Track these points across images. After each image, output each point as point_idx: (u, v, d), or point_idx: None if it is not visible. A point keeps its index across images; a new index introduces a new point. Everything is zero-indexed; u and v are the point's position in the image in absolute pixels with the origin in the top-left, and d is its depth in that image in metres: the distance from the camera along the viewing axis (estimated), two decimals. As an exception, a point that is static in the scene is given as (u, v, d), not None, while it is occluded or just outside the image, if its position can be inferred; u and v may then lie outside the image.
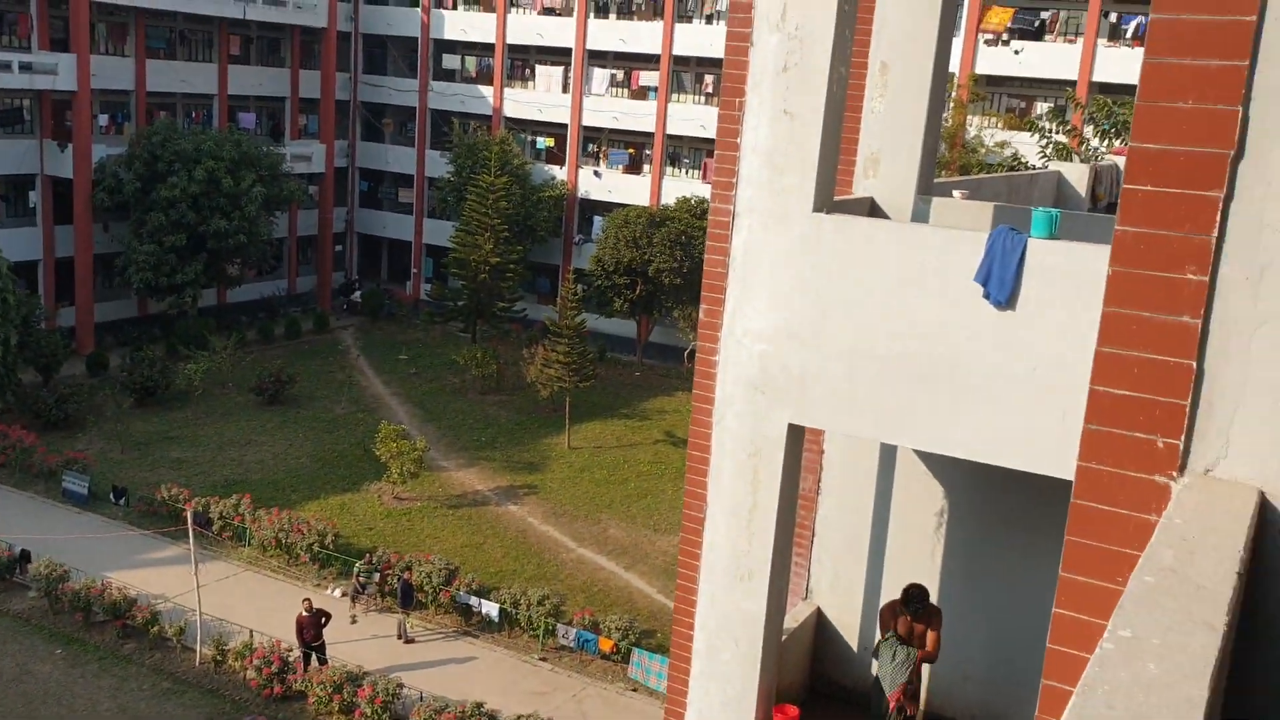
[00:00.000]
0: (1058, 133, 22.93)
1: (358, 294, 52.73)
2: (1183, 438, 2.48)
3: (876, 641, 8.72)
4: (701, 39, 46.01)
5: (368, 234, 55.72)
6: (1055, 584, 2.70)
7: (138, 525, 27.83)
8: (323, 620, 21.94)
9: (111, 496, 29.32)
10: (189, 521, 23.49)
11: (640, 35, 47.54)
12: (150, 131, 42.30)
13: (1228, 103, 2.37)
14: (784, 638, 8.92)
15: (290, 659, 21.59)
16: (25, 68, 39.82)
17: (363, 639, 23.43)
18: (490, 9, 50.94)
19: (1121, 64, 38.31)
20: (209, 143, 42.08)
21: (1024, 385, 6.67)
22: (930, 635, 8.49)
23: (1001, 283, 6.56)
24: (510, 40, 50.35)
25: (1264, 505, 2.40)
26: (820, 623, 9.95)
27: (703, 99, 47.07)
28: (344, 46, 53.38)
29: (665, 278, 42.25)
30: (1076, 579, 2.56)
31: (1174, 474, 2.48)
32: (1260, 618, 2.40)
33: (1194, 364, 2.46)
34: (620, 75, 48.94)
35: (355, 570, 24.92)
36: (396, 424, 33.11)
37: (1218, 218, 2.41)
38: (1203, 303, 2.43)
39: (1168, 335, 2.46)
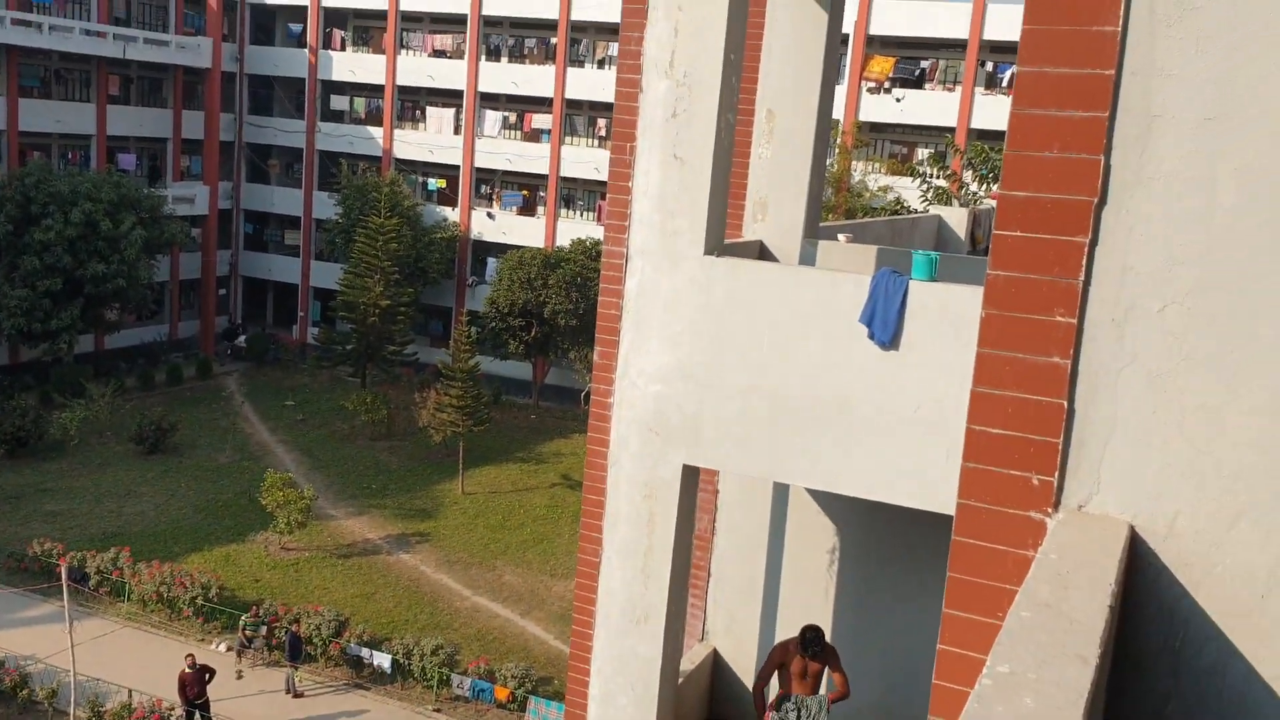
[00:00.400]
0: (938, 178, 23.72)
1: (242, 339, 51.40)
2: (1056, 474, 2.56)
3: (774, 698, 8.71)
4: (594, 83, 46.49)
5: (253, 277, 54.47)
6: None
7: (6, 583, 26.49)
8: (207, 676, 21.14)
9: (-22, 553, 27.87)
10: (63, 577, 22.39)
11: (533, 79, 47.79)
12: (23, 173, 40.77)
13: (1090, 152, 2.49)
14: (681, 680, 8.91)
15: (172, 718, 20.71)
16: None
17: (249, 694, 22.61)
18: (379, 50, 50.67)
19: (998, 111, 39.92)
20: (86, 184, 40.75)
21: (909, 424, 6.84)
22: (837, 676, 8.54)
23: (885, 324, 6.73)
24: (400, 82, 50.10)
25: (1134, 539, 2.49)
26: (717, 664, 9.97)
27: (596, 142, 47.50)
28: (229, 87, 52.40)
29: (561, 319, 42.26)
30: (959, 615, 2.61)
31: (1049, 510, 2.56)
32: (1133, 647, 2.48)
33: (1065, 403, 2.55)
34: (513, 118, 49.08)
35: (241, 624, 24.09)
36: (283, 472, 32.25)
37: (1084, 262, 2.51)
38: (1072, 343, 2.53)
39: (1039, 375, 2.55)
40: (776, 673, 8.60)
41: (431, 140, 49.84)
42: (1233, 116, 2.44)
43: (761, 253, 9.03)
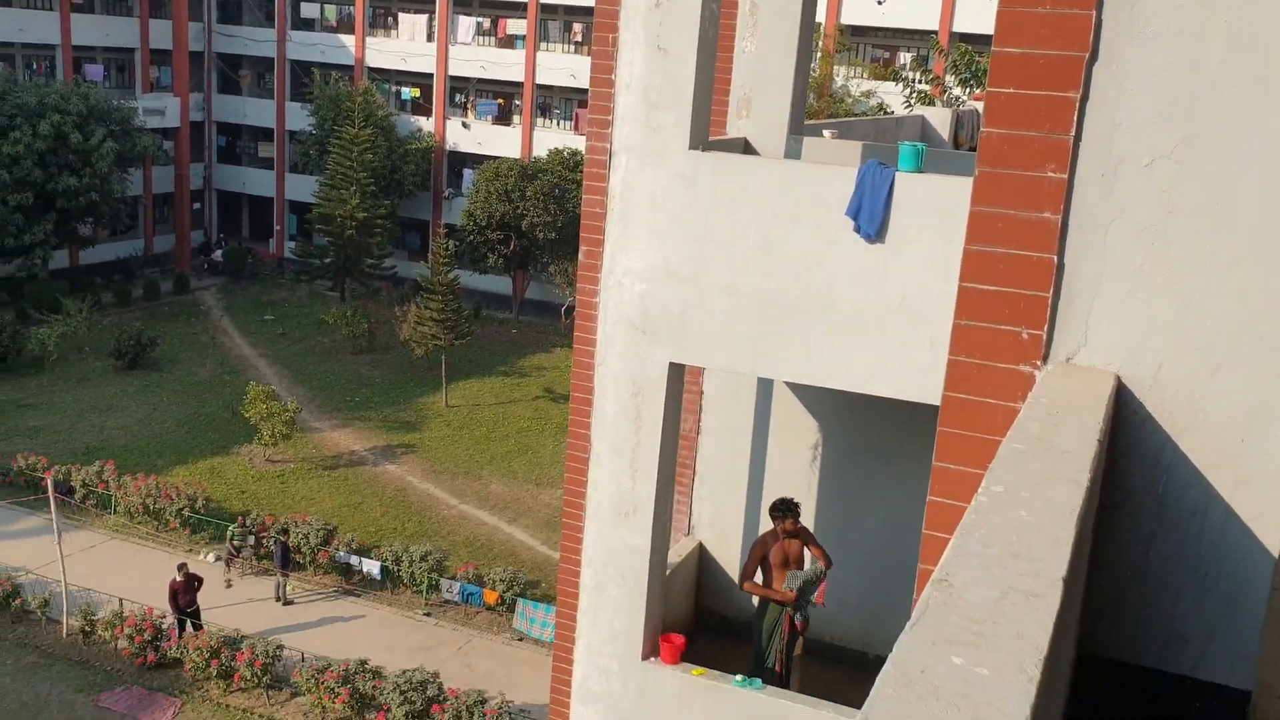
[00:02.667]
0: (921, 81, 23.52)
1: (219, 253, 50.93)
2: (1046, 328, 2.63)
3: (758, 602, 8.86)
4: (570, -12, 45.52)
5: (227, 190, 53.72)
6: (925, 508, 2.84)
7: (-8, 497, 26.60)
8: (196, 585, 21.40)
9: (-39, 468, 27.91)
10: (49, 490, 22.52)
11: (507, -17, 46.77)
12: (-13, 84, 39.88)
13: (1082, 7, 2.50)
14: (668, 572, 9.11)
15: (164, 626, 21.02)
16: None
17: (239, 603, 22.94)
18: (350, -45, 49.36)
19: (980, 14, 39.41)
20: (54, 95, 39.90)
21: (893, 316, 6.92)
22: (815, 550, 8.74)
23: (871, 216, 6.76)
24: (372, -12, 48.94)
25: (1120, 389, 2.57)
26: (702, 557, 10.19)
27: (572, 48, 46.67)
28: (196, -6, 51.08)
29: (540, 232, 41.98)
30: (948, 467, 2.70)
31: (1038, 363, 2.63)
32: (1117, 492, 2.58)
33: (1055, 258, 2.61)
34: (487, 23, 48.12)
35: (229, 534, 24.33)
36: (265, 385, 32.25)
37: (1075, 118, 2.55)
38: (1062, 198, 2.58)
39: (1030, 231, 2.60)
40: (759, 568, 8.80)
41: (404, 48, 48.88)
42: (1225, -29, 2.46)
43: (746, 149, 9.00)
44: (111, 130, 41.45)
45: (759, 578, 8.89)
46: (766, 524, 9.42)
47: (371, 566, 23.87)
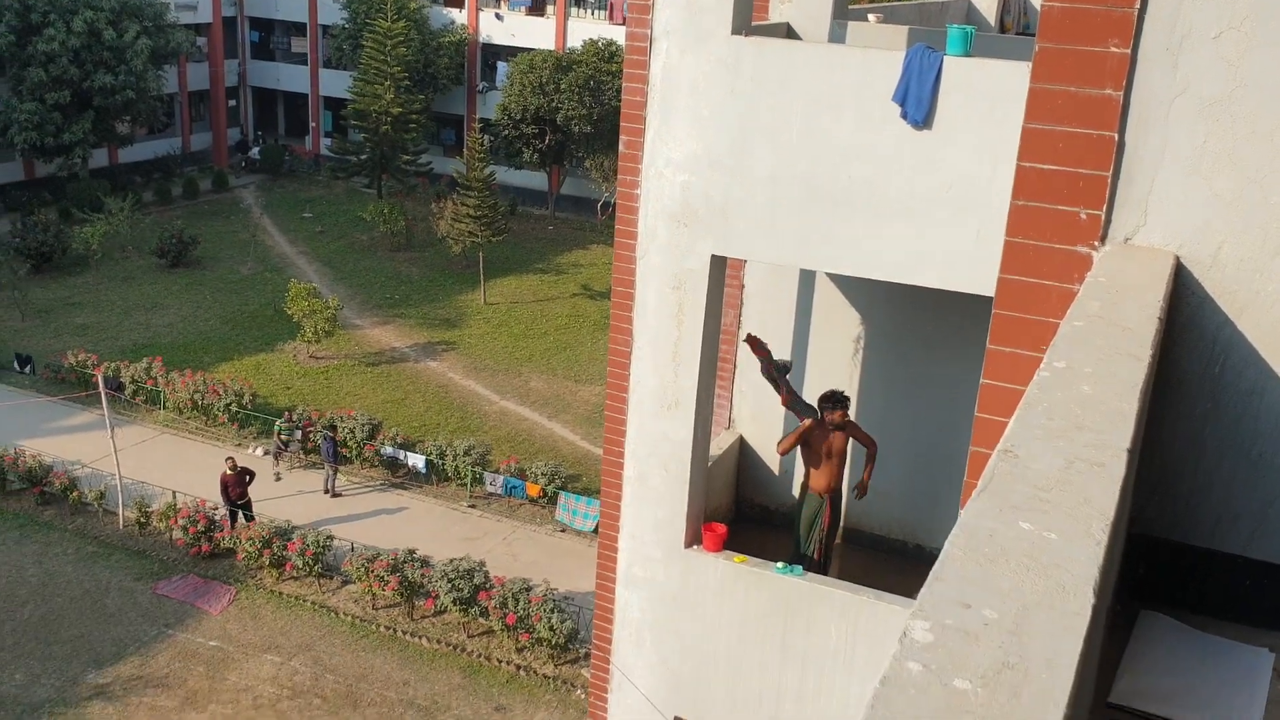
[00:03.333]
0: (967, -36, 22.74)
1: (255, 151, 50.87)
2: (1104, 208, 2.59)
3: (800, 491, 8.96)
4: None
5: (262, 87, 53.37)
6: (972, 396, 2.83)
7: (46, 392, 27.22)
8: (247, 478, 21.93)
9: (15, 365, 28.53)
10: (100, 386, 23.02)
11: None
12: (19, -20, 39.58)
13: (1155, -128, 2.41)
14: (709, 464, 9.22)
15: (216, 517, 21.63)
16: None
17: (289, 495, 23.52)
18: None
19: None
20: (85, -9, 39.61)
21: (940, 204, 6.82)
22: (863, 436, 8.80)
23: (919, 101, 6.62)
24: (402, -125, 47.62)
25: (1179, 269, 2.55)
26: (743, 450, 10.30)
27: (607, -64, 45.41)
28: (223, -116, 50.05)
29: (575, 126, 41.47)
30: (1003, 350, 2.69)
31: (1096, 244, 2.60)
32: (1174, 373, 2.57)
33: (1115, 136, 2.56)
34: (520, -88, 46.88)
35: (277, 428, 24.82)
36: (306, 283, 32.52)
37: (1141, -11, 2.47)
38: (1124, 75, 2.51)
39: (1091, 108, 2.55)
40: (801, 452, 8.86)
41: (436, -63, 47.81)
42: None
43: (789, 34, 8.80)
44: (145, 26, 41.15)
45: (801, 467, 8.98)
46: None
47: (416, 460, 24.33)
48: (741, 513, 10.23)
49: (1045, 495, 1.35)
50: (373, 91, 42.26)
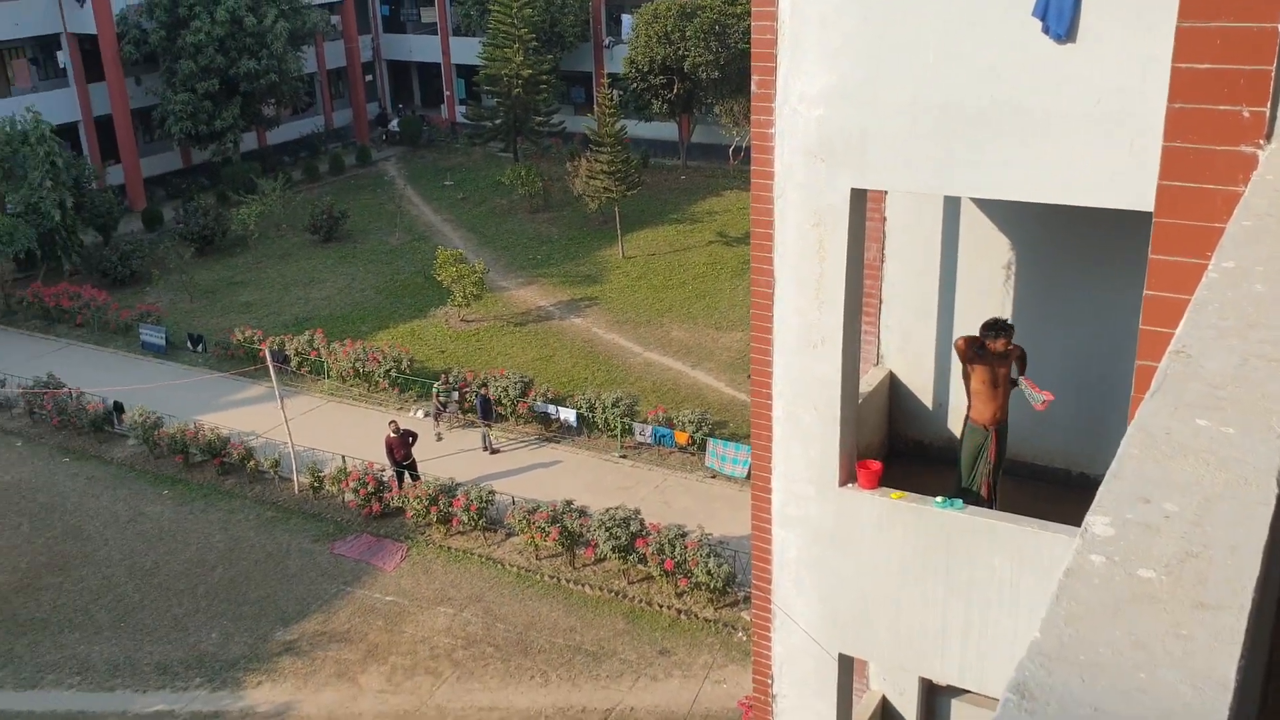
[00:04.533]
0: None
1: (394, 123, 52.23)
2: (1268, 104, 2.48)
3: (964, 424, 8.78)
4: None
5: (395, 60, 54.67)
6: (1135, 314, 2.75)
7: (218, 369, 28.81)
8: (410, 440, 22.81)
9: (188, 344, 30.26)
10: (267, 360, 24.25)
11: None
12: (165, -24, 41.42)
13: None
14: (859, 402, 9.15)
15: (384, 478, 22.59)
16: (29, -77, 38.90)
17: (450, 454, 24.39)
18: None
19: None
20: (225, -19, 41.18)
21: (1089, 120, 6.56)
22: (1026, 380, 8.59)
23: (1060, 13, 6.36)
24: None
25: (1353, 161, 2.42)
26: (893, 385, 10.17)
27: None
28: None
29: (702, 72, 41.12)
30: (1166, 259, 2.62)
31: (1261, 142, 2.49)
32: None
33: (1278, 27, 2.44)
34: None
35: (434, 390, 25.71)
36: (453, 249, 33.39)
37: None
38: (1287, -40, 2.39)
39: (1250, 1, 2.43)
40: (965, 384, 8.71)
41: (554, -106, 47.75)
42: None
43: (920, -43, 8.51)
44: (282, 10, 42.57)
45: (955, 401, 8.84)
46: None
47: (567, 414, 24.85)
48: (895, 449, 10.14)
49: (1220, 393, 1.33)
50: (502, 55, 42.78)
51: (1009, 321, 8.55)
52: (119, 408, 26.18)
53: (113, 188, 41.08)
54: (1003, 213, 9.10)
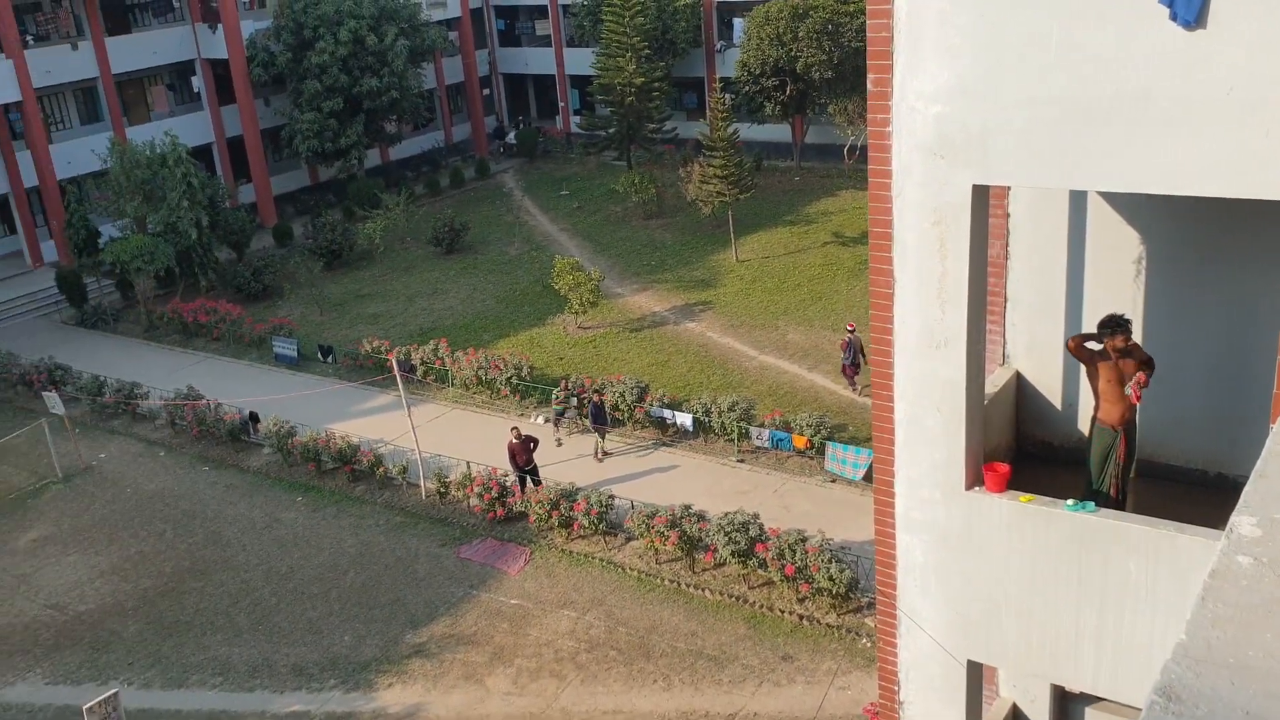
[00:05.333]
0: None
1: (511, 135, 53.17)
2: None
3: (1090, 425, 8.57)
4: None
5: (511, 74, 55.66)
6: (1274, 307, 2.68)
7: (347, 379, 29.74)
8: (531, 445, 23.17)
9: (319, 355, 31.32)
10: (394, 369, 24.93)
11: None
12: (291, 0, 42.98)
13: None
14: (985, 402, 8.96)
15: (507, 484, 23.00)
16: (166, -45, 40.87)
17: (570, 459, 24.69)
18: None
19: None
20: (348, 2, 42.51)
21: (1222, 107, 6.33)
22: (1141, 354, 8.33)
23: (1188, 0, 6.15)
24: None
25: None
26: (1020, 386, 9.94)
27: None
28: (460, -117, 52.28)
29: (815, 73, 40.79)
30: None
31: None
32: None
33: None
34: None
35: (554, 396, 26.06)
36: (569, 257, 33.82)
37: None
38: None
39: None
40: (1090, 385, 8.49)
41: (664, -98, 48.00)
42: None
43: (1040, -53, 8.32)
44: (401, 28, 43.76)
45: (1084, 401, 8.60)
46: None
47: (684, 419, 24.91)
48: (1023, 450, 9.90)
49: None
50: (615, 64, 43.16)
51: (1126, 317, 8.29)
52: (254, 418, 27.24)
53: (245, 206, 42.83)
54: (1130, 205, 8.83)
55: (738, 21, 46.81)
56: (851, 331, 26.16)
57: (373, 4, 42.86)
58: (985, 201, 7.87)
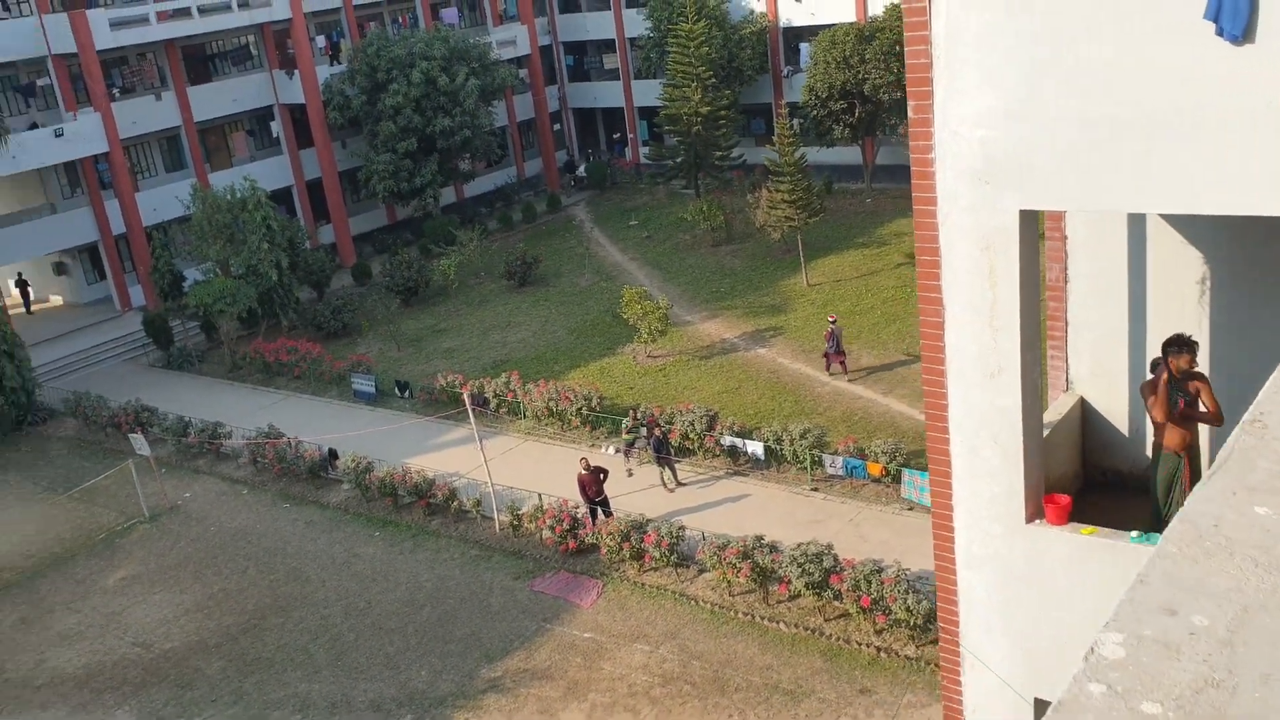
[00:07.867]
0: None
1: (581, 169, 53.62)
2: None
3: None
4: None
5: (581, 108, 56.21)
6: None
7: (423, 413, 30.09)
8: (602, 476, 23.15)
9: (396, 391, 31.78)
10: (468, 403, 25.15)
11: None
12: (365, 44, 43.99)
13: None
14: (1047, 432, 8.70)
15: (579, 515, 23.00)
16: (243, 4, 42.16)
17: (641, 490, 24.62)
18: None
19: None
20: (419, 44, 43.38)
21: (1276, 123, 6.07)
22: (1207, 399, 8.01)
23: (1235, 14, 5.94)
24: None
25: None
26: (1085, 412, 9.63)
27: (898, -107, 43.86)
28: (526, -78, 53.17)
29: (883, 94, 40.46)
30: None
31: None
32: None
33: None
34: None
35: (624, 426, 26.04)
36: (638, 287, 33.88)
37: None
38: None
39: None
40: (1148, 410, 8.19)
41: (727, -69, 48.25)
42: None
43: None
44: (472, 68, 44.48)
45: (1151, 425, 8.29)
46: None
47: (755, 447, 24.69)
48: (1090, 479, 9.58)
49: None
50: (681, 95, 43.32)
51: (1192, 338, 7.98)
52: (333, 454, 27.69)
53: (325, 246, 43.78)
54: (1191, 225, 8.53)
55: (804, 46, 46.72)
56: (833, 323, 28.91)
57: (444, 45, 43.64)
58: (1034, 225, 7.66)
